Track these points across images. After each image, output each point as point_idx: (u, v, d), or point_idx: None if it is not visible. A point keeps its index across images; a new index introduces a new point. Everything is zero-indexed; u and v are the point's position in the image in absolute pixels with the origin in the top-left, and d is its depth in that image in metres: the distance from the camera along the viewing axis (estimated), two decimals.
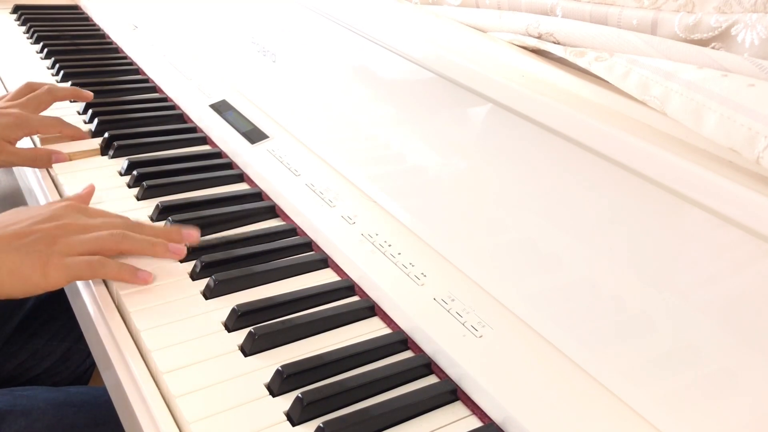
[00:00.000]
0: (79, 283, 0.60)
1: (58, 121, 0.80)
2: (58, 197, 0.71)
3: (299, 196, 0.70)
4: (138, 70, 1.05)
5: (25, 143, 0.80)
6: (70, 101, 0.90)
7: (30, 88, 0.81)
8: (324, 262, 0.65)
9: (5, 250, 0.55)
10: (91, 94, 0.86)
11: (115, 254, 0.60)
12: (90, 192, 0.68)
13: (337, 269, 0.64)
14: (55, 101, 0.82)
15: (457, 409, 0.51)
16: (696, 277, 0.44)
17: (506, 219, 0.56)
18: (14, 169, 0.86)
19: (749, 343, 0.42)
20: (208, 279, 0.60)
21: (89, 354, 0.88)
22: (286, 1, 0.81)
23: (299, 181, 0.72)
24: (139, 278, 0.58)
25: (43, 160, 0.75)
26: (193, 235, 0.63)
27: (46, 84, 0.82)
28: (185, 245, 0.62)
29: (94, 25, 1.24)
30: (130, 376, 0.51)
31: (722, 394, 0.43)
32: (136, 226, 0.62)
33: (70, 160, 0.77)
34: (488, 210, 0.58)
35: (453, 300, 0.56)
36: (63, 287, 0.59)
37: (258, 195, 0.74)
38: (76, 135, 0.81)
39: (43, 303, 0.88)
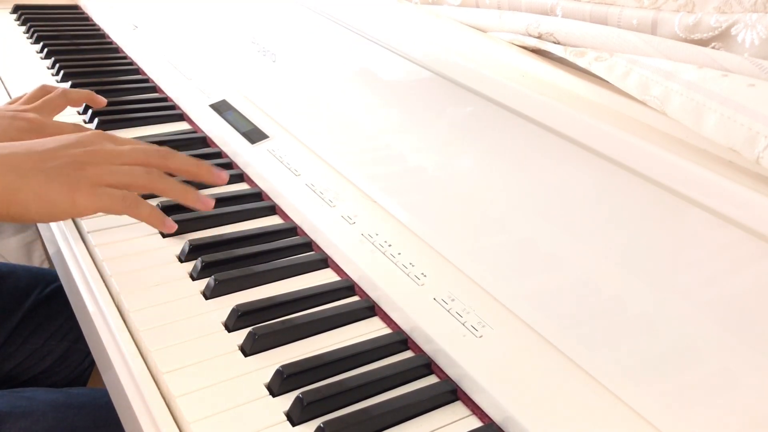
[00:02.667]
0: (79, 283, 0.60)
1: (74, 128, 0.79)
2: None
3: (299, 196, 0.70)
4: (138, 70, 1.05)
5: None
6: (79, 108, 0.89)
7: (44, 90, 0.79)
8: (324, 262, 0.65)
9: (32, 172, 0.52)
10: (105, 100, 0.84)
11: (144, 191, 0.58)
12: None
13: (337, 269, 0.64)
14: (69, 105, 0.80)
15: (457, 409, 0.51)
16: (696, 277, 0.44)
17: (506, 219, 0.56)
18: None
19: (749, 343, 0.42)
20: (208, 279, 0.60)
21: (88, 354, 0.88)
22: (286, 1, 0.81)
23: (299, 181, 0.72)
24: (167, 226, 0.58)
25: None
26: (222, 176, 0.62)
27: (59, 87, 0.80)
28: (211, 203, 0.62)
29: (94, 25, 1.24)
30: (130, 376, 0.51)
31: (722, 394, 0.43)
32: (167, 154, 0.60)
33: None
34: (488, 210, 0.58)
35: (453, 300, 0.56)
36: (90, 213, 0.57)
37: (258, 195, 0.74)
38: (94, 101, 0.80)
39: (42, 303, 0.88)
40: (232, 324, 0.56)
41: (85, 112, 0.89)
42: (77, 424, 0.68)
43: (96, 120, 0.85)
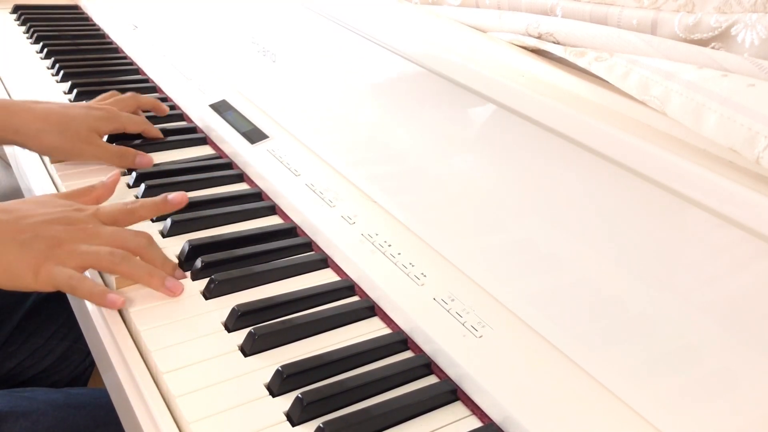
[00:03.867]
0: None
1: (144, 121, 0.82)
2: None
3: (299, 196, 0.70)
4: (138, 70, 1.05)
5: None
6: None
7: (114, 95, 0.84)
8: (324, 262, 0.65)
9: (10, 243, 0.55)
10: (167, 109, 0.88)
11: (110, 273, 0.58)
12: (116, 180, 0.67)
13: (337, 269, 0.64)
14: (138, 106, 0.84)
15: (457, 409, 0.51)
16: (696, 277, 0.44)
17: (506, 219, 0.56)
18: (14, 169, 0.86)
19: (749, 343, 0.42)
20: (208, 279, 0.60)
21: (88, 353, 0.88)
22: (286, 1, 0.81)
23: (299, 181, 0.72)
24: (108, 301, 0.56)
25: (128, 159, 0.76)
26: (178, 288, 0.59)
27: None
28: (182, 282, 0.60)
29: (94, 25, 1.24)
30: (130, 376, 0.51)
31: (722, 394, 0.43)
32: (142, 247, 0.59)
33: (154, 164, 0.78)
34: (488, 210, 0.58)
35: (453, 300, 0.56)
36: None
37: (258, 195, 0.74)
38: (158, 136, 0.83)
39: (42, 302, 0.88)
40: (232, 324, 0.56)
41: None
42: (77, 424, 0.68)
43: None
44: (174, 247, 0.64)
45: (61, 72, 0.99)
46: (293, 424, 0.48)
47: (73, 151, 0.75)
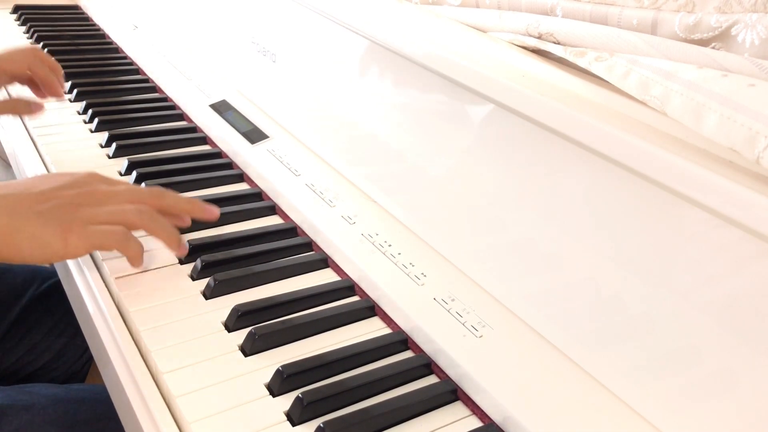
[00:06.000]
0: (79, 283, 0.60)
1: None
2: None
3: (299, 196, 0.70)
4: (138, 70, 1.05)
5: None
6: None
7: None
8: (324, 262, 0.65)
9: (26, 214, 0.53)
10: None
11: (135, 230, 0.58)
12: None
13: (337, 269, 0.64)
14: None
15: (457, 409, 0.51)
16: (696, 277, 0.44)
17: (506, 219, 0.56)
18: (14, 169, 0.86)
19: (749, 343, 0.42)
20: (208, 279, 0.60)
21: (86, 349, 0.88)
22: (286, 1, 0.81)
23: (299, 181, 0.72)
24: (142, 264, 0.58)
25: (22, 106, 0.77)
26: (214, 212, 0.62)
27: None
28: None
29: (94, 25, 1.24)
30: (130, 376, 0.51)
31: (722, 394, 0.43)
32: (160, 194, 0.60)
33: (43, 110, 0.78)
34: (488, 210, 0.58)
35: (453, 300, 0.56)
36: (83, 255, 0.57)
37: (258, 195, 0.74)
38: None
39: (39, 298, 0.88)
40: (232, 324, 0.56)
41: (85, 111, 0.89)
42: (78, 417, 0.68)
43: (96, 120, 0.85)
44: (190, 215, 0.64)
45: (61, 72, 0.99)
46: (293, 424, 0.48)
47: None
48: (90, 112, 0.87)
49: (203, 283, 0.60)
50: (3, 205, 0.53)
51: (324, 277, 0.63)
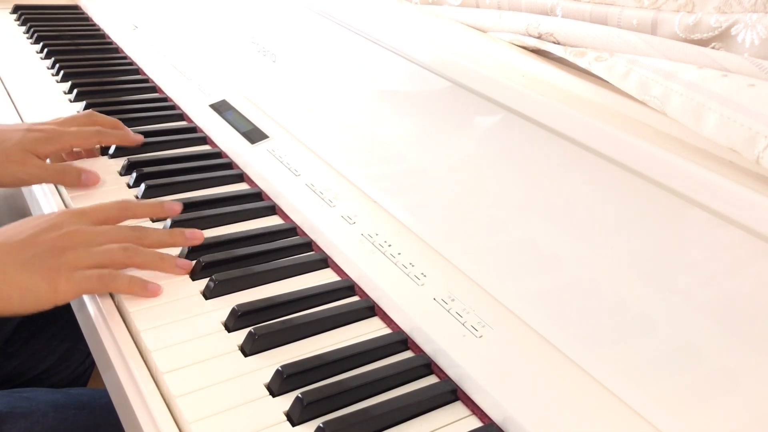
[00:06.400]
0: None
1: (95, 132, 0.74)
2: (58, 197, 0.71)
3: (299, 196, 0.70)
4: (138, 70, 1.05)
5: None
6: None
7: (87, 116, 0.76)
8: (324, 262, 0.65)
9: (12, 265, 0.53)
10: (137, 138, 0.78)
11: (123, 267, 0.58)
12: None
13: (337, 269, 0.64)
14: (93, 124, 0.75)
15: (457, 409, 0.51)
16: (696, 277, 0.44)
17: (506, 219, 0.56)
18: None
19: (749, 343, 0.42)
20: (208, 279, 0.60)
21: (89, 354, 0.88)
22: (286, 1, 0.81)
23: (299, 181, 0.72)
24: (149, 291, 0.57)
25: (71, 176, 0.70)
26: (197, 236, 0.63)
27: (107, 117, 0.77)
28: (189, 247, 0.62)
29: (94, 25, 1.24)
30: (130, 376, 0.51)
31: (722, 394, 0.43)
32: (141, 232, 0.60)
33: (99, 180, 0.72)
34: (488, 210, 0.58)
35: (453, 300, 0.56)
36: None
37: (258, 195, 0.74)
38: (136, 141, 0.77)
39: None
40: (232, 324, 0.56)
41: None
42: (78, 424, 0.68)
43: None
44: (174, 247, 0.64)
45: (61, 72, 0.99)
46: (293, 424, 0.48)
47: (3, 174, 0.67)
48: (85, 103, 0.87)
49: (203, 283, 0.60)
50: None
51: (324, 277, 0.63)
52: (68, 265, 0.54)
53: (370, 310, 0.59)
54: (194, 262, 0.61)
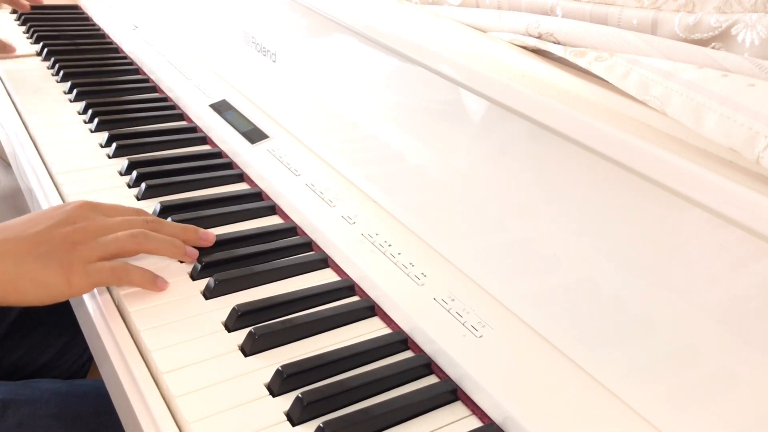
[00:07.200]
0: None
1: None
2: (58, 197, 0.71)
3: (299, 195, 0.70)
4: (138, 70, 1.05)
5: None
6: None
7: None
8: (324, 262, 0.65)
9: (27, 258, 0.53)
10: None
11: (135, 255, 0.59)
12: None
13: (337, 269, 0.64)
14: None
15: (457, 409, 0.51)
16: (696, 277, 0.44)
17: (506, 219, 0.56)
18: (14, 169, 0.86)
19: (749, 343, 0.42)
20: (208, 279, 0.60)
21: (86, 348, 0.88)
22: (285, 1, 0.81)
23: (299, 181, 0.72)
24: (158, 286, 0.58)
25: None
26: (209, 237, 0.63)
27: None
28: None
29: (94, 25, 1.24)
30: (130, 376, 0.51)
31: (722, 394, 0.43)
32: (155, 223, 0.61)
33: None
34: (488, 210, 0.58)
35: (453, 300, 0.56)
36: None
37: (258, 195, 0.74)
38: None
39: None
40: (232, 324, 0.56)
41: (85, 111, 0.89)
42: (81, 411, 0.68)
43: (96, 120, 0.85)
44: (186, 242, 0.64)
45: (61, 72, 0.99)
46: (293, 424, 0.48)
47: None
48: (90, 112, 0.87)
49: (203, 283, 0.60)
50: (3, 251, 0.53)
51: (324, 277, 0.63)
52: (81, 259, 0.55)
53: (370, 310, 0.59)
54: (196, 250, 0.62)
